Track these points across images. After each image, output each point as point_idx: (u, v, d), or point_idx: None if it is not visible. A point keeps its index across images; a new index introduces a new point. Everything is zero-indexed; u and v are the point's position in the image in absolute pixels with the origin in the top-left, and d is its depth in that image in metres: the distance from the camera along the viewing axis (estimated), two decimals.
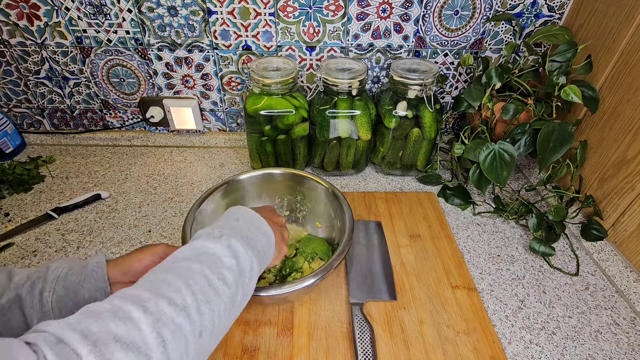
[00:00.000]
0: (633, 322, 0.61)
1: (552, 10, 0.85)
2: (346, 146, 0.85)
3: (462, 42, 0.88)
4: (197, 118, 0.98)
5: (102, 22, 0.83)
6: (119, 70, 0.91)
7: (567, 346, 0.58)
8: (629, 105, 0.67)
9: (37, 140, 1.01)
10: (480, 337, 0.58)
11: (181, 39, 0.86)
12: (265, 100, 0.78)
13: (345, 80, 0.77)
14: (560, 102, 0.75)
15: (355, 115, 0.81)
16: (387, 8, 0.83)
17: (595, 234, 0.72)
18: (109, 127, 1.02)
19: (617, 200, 0.69)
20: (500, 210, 0.81)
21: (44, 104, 0.97)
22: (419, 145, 0.85)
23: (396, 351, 0.55)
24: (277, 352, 0.55)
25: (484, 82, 0.79)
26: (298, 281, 0.52)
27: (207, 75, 0.92)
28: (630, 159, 0.67)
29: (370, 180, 0.92)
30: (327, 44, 0.88)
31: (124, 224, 0.77)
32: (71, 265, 0.45)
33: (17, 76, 0.92)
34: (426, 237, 0.75)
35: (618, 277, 0.67)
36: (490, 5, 0.83)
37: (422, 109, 0.80)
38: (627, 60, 0.68)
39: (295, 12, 0.83)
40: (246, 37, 0.86)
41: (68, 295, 0.43)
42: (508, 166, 0.74)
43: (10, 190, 0.84)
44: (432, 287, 0.65)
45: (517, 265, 0.71)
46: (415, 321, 0.60)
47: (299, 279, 0.53)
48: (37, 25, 0.84)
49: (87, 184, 0.87)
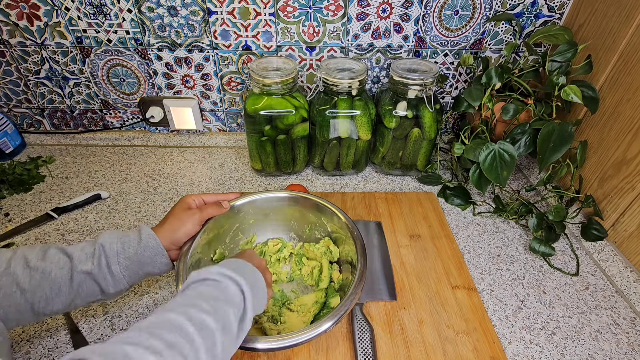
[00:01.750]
0: (633, 322, 0.61)
1: (552, 10, 0.85)
2: (346, 146, 0.85)
3: (462, 42, 0.88)
4: (197, 118, 0.98)
5: (102, 22, 0.83)
6: (119, 70, 0.91)
7: (567, 346, 0.58)
8: (629, 105, 0.67)
9: (37, 140, 1.01)
10: (480, 337, 0.58)
11: (181, 39, 0.86)
12: (265, 100, 0.78)
13: (345, 80, 0.77)
14: (560, 102, 0.75)
15: (355, 115, 0.81)
16: (387, 8, 0.83)
17: (595, 234, 0.72)
18: (109, 127, 1.02)
19: (617, 200, 0.69)
20: (500, 210, 0.81)
21: (44, 104, 0.97)
22: (419, 145, 0.85)
23: (396, 351, 0.55)
24: (277, 352, 0.55)
25: (484, 82, 0.79)
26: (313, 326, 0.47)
27: (207, 75, 0.92)
28: (630, 159, 0.67)
29: (370, 180, 0.92)
30: (327, 44, 0.88)
31: (124, 224, 0.77)
32: (121, 239, 0.52)
33: (17, 76, 0.92)
34: (426, 237, 0.75)
35: (618, 277, 0.67)
36: (490, 5, 0.83)
37: (422, 109, 0.80)
38: (627, 60, 0.68)
39: (295, 12, 0.83)
40: (246, 37, 0.86)
41: (132, 264, 0.52)
42: (508, 166, 0.74)
43: (10, 190, 0.84)
44: (432, 287, 0.65)
45: (517, 265, 0.71)
46: (415, 321, 0.60)
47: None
48: (37, 25, 0.84)
49: (87, 184, 0.87)
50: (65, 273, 0.48)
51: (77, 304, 0.50)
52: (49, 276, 0.47)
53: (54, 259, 0.49)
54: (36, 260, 0.48)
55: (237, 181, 0.90)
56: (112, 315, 0.60)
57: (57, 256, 0.49)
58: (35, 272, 0.47)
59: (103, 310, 0.61)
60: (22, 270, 0.47)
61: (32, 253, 0.48)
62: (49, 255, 0.49)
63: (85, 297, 0.50)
